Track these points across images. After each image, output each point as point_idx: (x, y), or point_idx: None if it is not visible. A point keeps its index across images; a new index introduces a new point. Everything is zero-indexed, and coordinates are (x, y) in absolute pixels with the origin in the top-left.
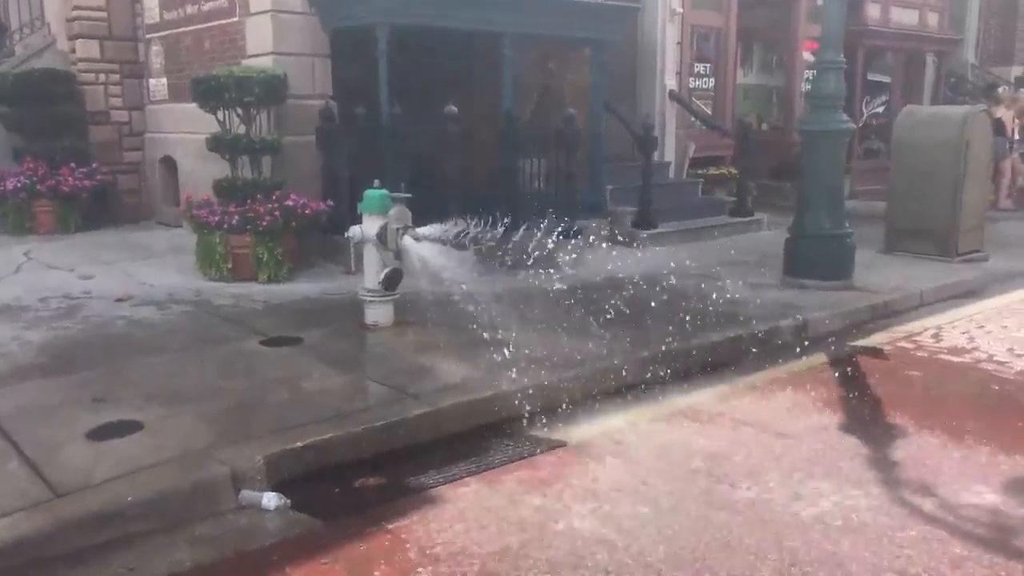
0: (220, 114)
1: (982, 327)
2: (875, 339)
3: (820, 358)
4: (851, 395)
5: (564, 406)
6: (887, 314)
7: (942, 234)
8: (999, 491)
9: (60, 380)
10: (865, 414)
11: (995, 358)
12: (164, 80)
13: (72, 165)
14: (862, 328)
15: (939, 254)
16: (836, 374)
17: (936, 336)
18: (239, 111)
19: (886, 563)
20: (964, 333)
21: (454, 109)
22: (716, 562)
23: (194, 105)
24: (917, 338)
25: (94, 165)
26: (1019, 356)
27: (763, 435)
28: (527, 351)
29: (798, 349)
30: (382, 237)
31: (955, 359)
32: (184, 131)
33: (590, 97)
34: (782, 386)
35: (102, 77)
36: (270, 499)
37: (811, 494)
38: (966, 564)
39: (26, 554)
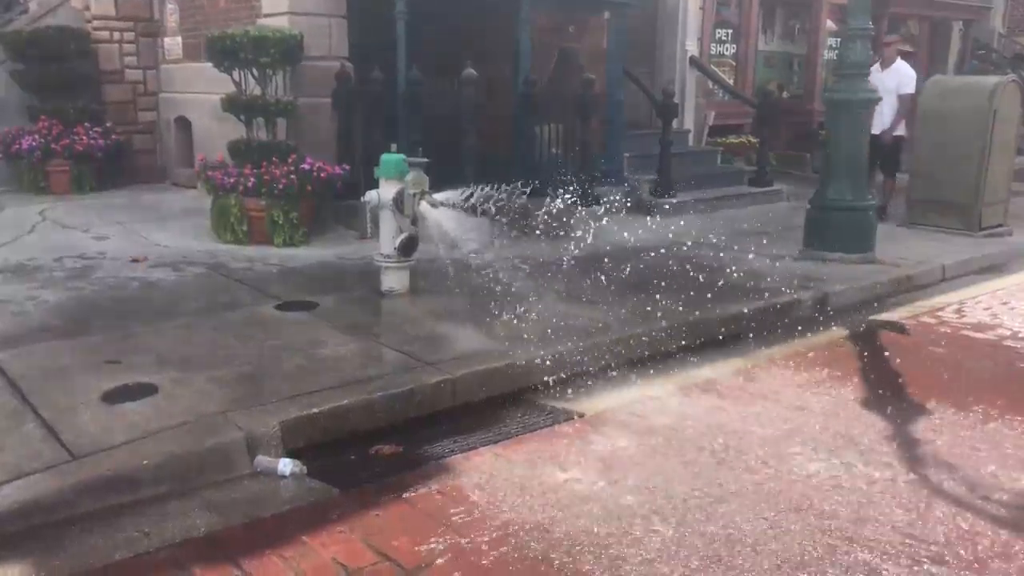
0: (235, 74)
1: (1006, 303)
2: (897, 314)
3: (840, 332)
4: (872, 371)
5: (581, 376)
6: (909, 288)
7: (966, 207)
8: (1022, 471)
9: (75, 341)
10: (886, 391)
11: (1020, 335)
12: (179, 39)
13: (86, 124)
14: (883, 302)
15: (962, 228)
16: (857, 349)
17: (959, 312)
18: (255, 72)
19: (904, 541)
20: (987, 309)
21: (473, 72)
22: (731, 538)
23: (209, 65)
24: (940, 313)
25: (108, 125)
26: None
27: (781, 409)
28: (543, 320)
29: (818, 322)
30: (398, 202)
31: (979, 335)
32: (199, 91)
33: (608, 62)
34: (801, 360)
35: (116, 35)
36: (286, 465)
37: (829, 470)
38: (984, 542)
39: (41, 516)
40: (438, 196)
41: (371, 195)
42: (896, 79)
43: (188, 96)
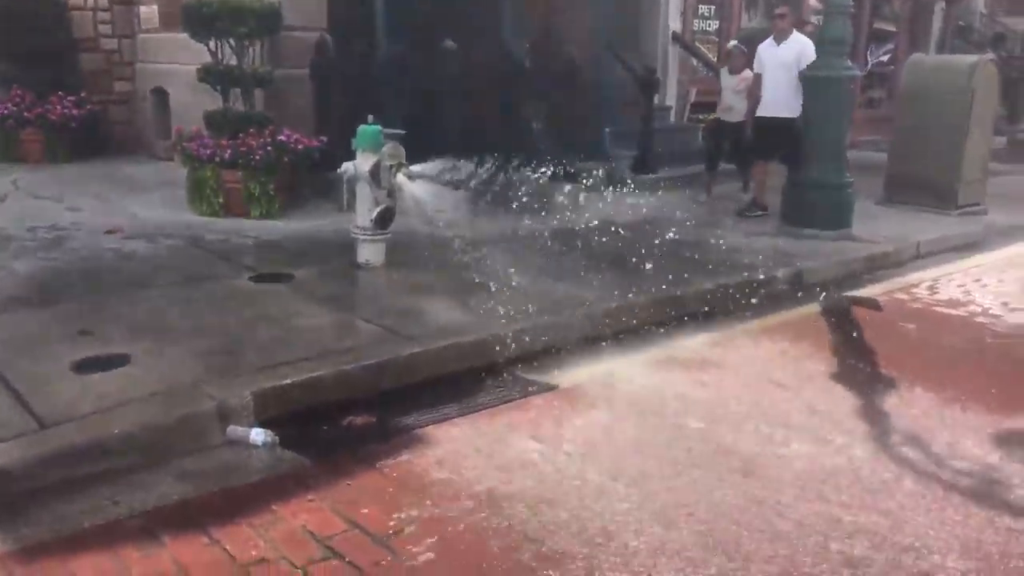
0: (212, 44)
1: (978, 280)
2: (871, 290)
3: (815, 308)
4: (844, 345)
5: (556, 350)
6: (884, 265)
7: (943, 186)
8: (986, 444)
9: (47, 311)
10: (857, 365)
11: (990, 312)
12: (155, 8)
13: (60, 94)
14: (858, 278)
15: (939, 206)
16: (830, 324)
17: (932, 288)
18: (232, 42)
19: (870, 511)
20: (960, 286)
21: (452, 45)
22: (701, 508)
23: (186, 35)
24: (913, 290)
25: (83, 94)
26: (1014, 310)
27: (756, 383)
28: (520, 294)
29: (794, 298)
30: (375, 174)
31: (950, 312)
32: (176, 62)
33: (591, 38)
34: (775, 335)
35: (90, 2)
36: (258, 435)
37: (799, 442)
38: (949, 513)
39: (10, 484)
40: (415, 168)
41: (347, 166)
42: (795, 52)
43: (165, 66)
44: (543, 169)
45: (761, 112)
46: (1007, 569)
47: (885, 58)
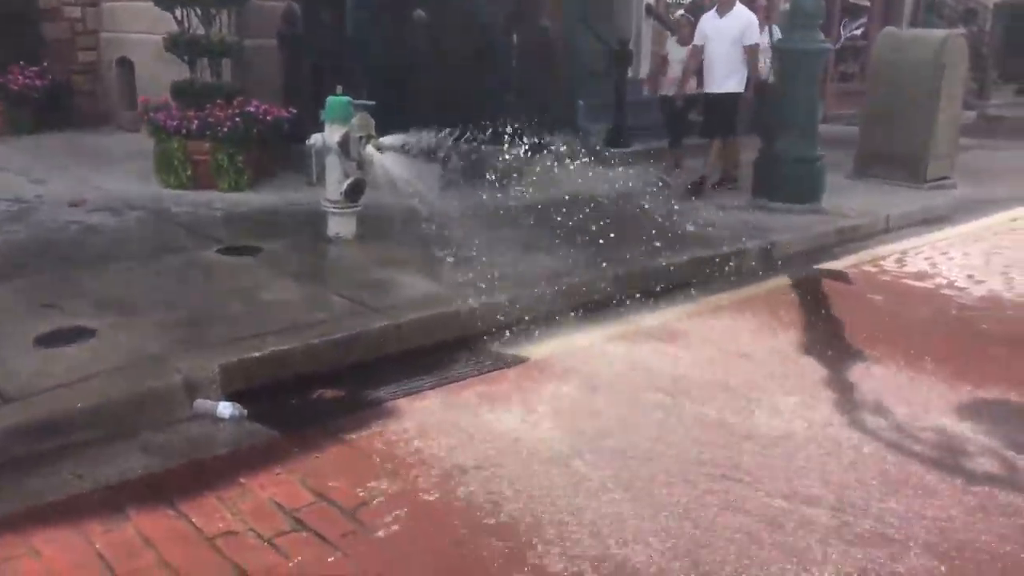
0: (178, 13)
1: (945, 253)
2: (841, 263)
3: (785, 280)
4: (813, 317)
5: (527, 323)
6: (854, 238)
7: (913, 159)
8: (949, 413)
9: (10, 285)
10: (826, 336)
11: (956, 284)
12: None
13: (21, 64)
14: (829, 251)
15: (909, 180)
16: (800, 296)
17: (900, 261)
18: (198, 10)
19: (837, 480)
20: (928, 259)
21: (422, 14)
22: (672, 479)
23: (151, 3)
24: (882, 263)
25: (45, 64)
26: (979, 283)
27: (725, 355)
28: (491, 267)
29: (765, 271)
30: (344, 146)
31: (917, 284)
32: (141, 31)
33: (564, 10)
34: (746, 307)
35: None
36: (225, 408)
37: (768, 413)
38: (913, 480)
39: None
40: (385, 140)
41: (316, 138)
42: (739, 26)
43: (131, 36)
44: (516, 142)
45: (707, 88)
46: (969, 535)
47: (858, 32)
